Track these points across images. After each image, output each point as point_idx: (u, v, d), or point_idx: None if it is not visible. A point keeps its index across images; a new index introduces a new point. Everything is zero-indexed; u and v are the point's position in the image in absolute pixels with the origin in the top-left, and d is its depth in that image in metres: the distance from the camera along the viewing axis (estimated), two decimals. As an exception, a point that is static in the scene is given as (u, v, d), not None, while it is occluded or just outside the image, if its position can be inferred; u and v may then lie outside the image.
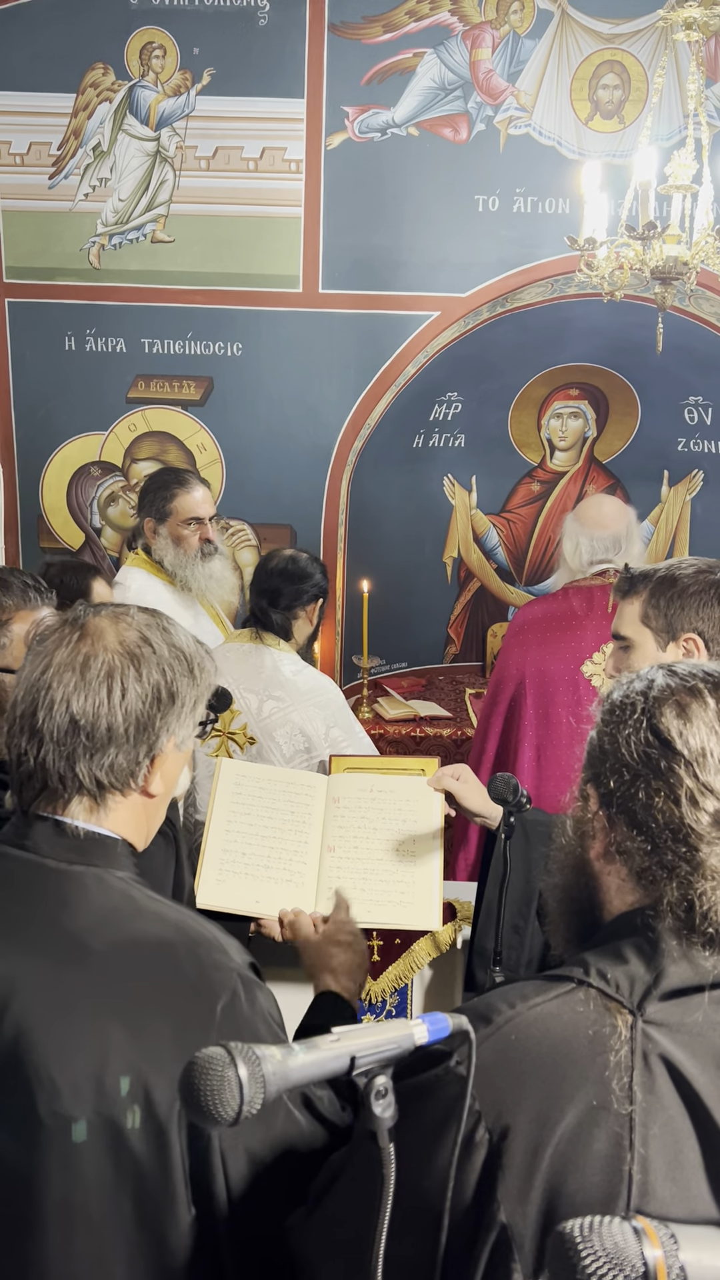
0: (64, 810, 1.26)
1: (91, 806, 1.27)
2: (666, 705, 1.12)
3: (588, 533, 3.10)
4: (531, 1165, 1.00)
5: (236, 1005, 1.19)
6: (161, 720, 1.27)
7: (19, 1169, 1.15)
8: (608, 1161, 1.00)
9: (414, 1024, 0.98)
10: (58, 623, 1.31)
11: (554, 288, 4.25)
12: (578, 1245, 0.72)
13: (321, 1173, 1.18)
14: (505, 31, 3.97)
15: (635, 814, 1.10)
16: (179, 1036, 1.14)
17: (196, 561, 3.30)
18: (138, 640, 1.28)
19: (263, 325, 4.26)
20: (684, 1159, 1.01)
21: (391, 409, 4.45)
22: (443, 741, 4.48)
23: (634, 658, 1.96)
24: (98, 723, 1.23)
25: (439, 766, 2.20)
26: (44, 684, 1.24)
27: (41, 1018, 1.15)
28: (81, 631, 1.28)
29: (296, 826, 2.16)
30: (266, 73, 4.02)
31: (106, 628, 1.28)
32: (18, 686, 1.28)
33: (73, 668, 1.24)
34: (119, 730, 1.24)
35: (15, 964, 1.19)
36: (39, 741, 1.24)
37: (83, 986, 1.17)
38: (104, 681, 1.24)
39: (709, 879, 1.06)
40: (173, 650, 1.30)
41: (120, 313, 4.28)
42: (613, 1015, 1.06)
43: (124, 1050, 1.14)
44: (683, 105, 3.84)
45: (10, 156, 4.14)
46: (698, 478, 5.05)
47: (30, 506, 4.53)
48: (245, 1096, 0.87)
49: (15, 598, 1.82)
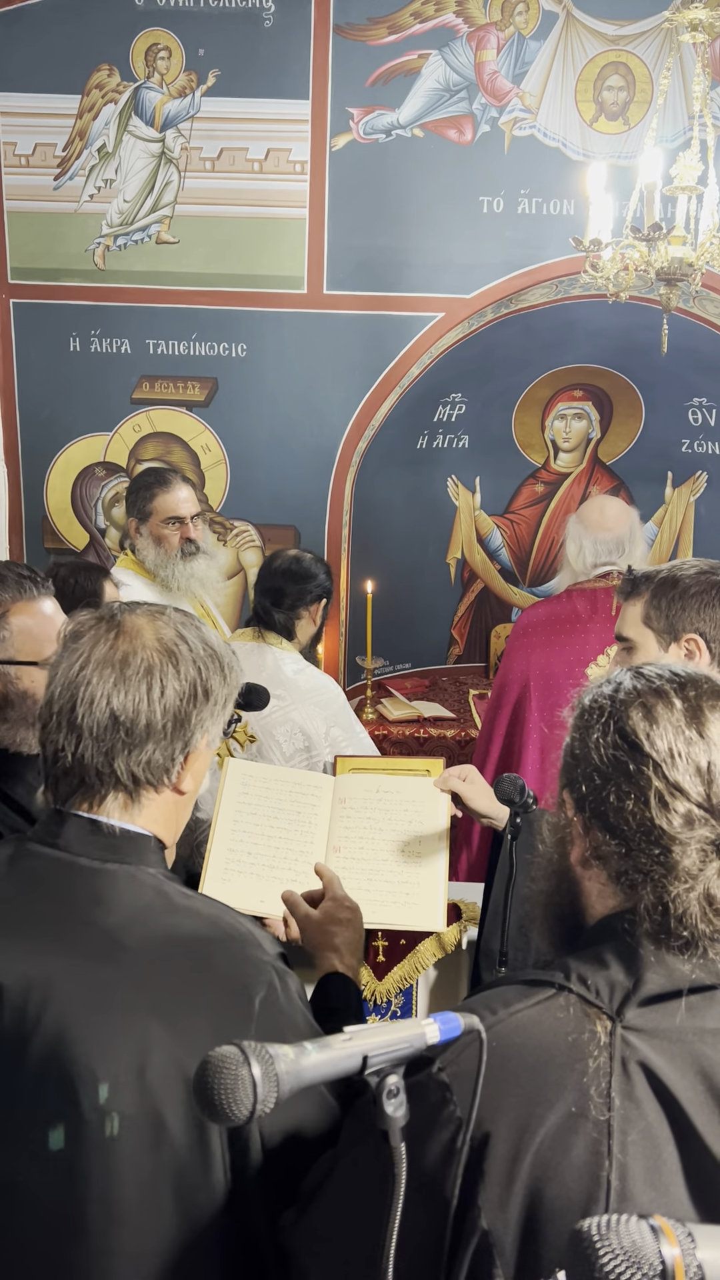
0: (99, 808, 1.28)
1: (126, 803, 1.28)
2: (633, 707, 1.13)
3: (591, 535, 3.11)
4: (511, 1172, 1.01)
5: (274, 998, 1.21)
6: (197, 717, 1.29)
7: (62, 1165, 1.16)
8: (586, 1168, 1.00)
9: (425, 1023, 0.98)
10: (92, 620, 1.32)
11: (558, 289, 4.25)
12: (595, 1244, 0.72)
13: (311, 1174, 1.18)
14: (510, 33, 3.97)
15: (608, 817, 1.11)
16: (218, 1030, 1.14)
17: (177, 561, 3.28)
18: (174, 638, 1.30)
19: (267, 326, 4.27)
20: (663, 1165, 1.01)
21: (396, 410, 4.45)
22: (446, 742, 4.48)
23: (637, 659, 1.97)
24: (137, 719, 1.24)
25: (444, 767, 2.20)
26: (83, 680, 1.25)
27: (80, 1015, 1.16)
28: (119, 629, 1.29)
29: (302, 827, 2.17)
30: (271, 74, 4.02)
31: (144, 625, 1.30)
32: (53, 683, 1.29)
33: (112, 664, 1.26)
34: (157, 726, 1.25)
35: (52, 963, 1.19)
36: (78, 737, 1.25)
37: (120, 983, 1.18)
38: (144, 678, 1.25)
39: (682, 881, 1.06)
40: (206, 649, 1.32)
41: (125, 314, 4.29)
42: (592, 1021, 1.06)
43: (164, 1044, 1.15)
44: (688, 107, 3.84)
45: (16, 158, 4.14)
46: (701, 479, 5.05)
47: (35, 507, 4.53)
48: (259, 1095, 0.88)
49: (11, 590, 1.83)
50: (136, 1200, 1.16)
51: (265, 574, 3.08)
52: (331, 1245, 1.13)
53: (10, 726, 1.82)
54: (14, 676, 1.80)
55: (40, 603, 1.85)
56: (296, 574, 3.01)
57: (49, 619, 1.85)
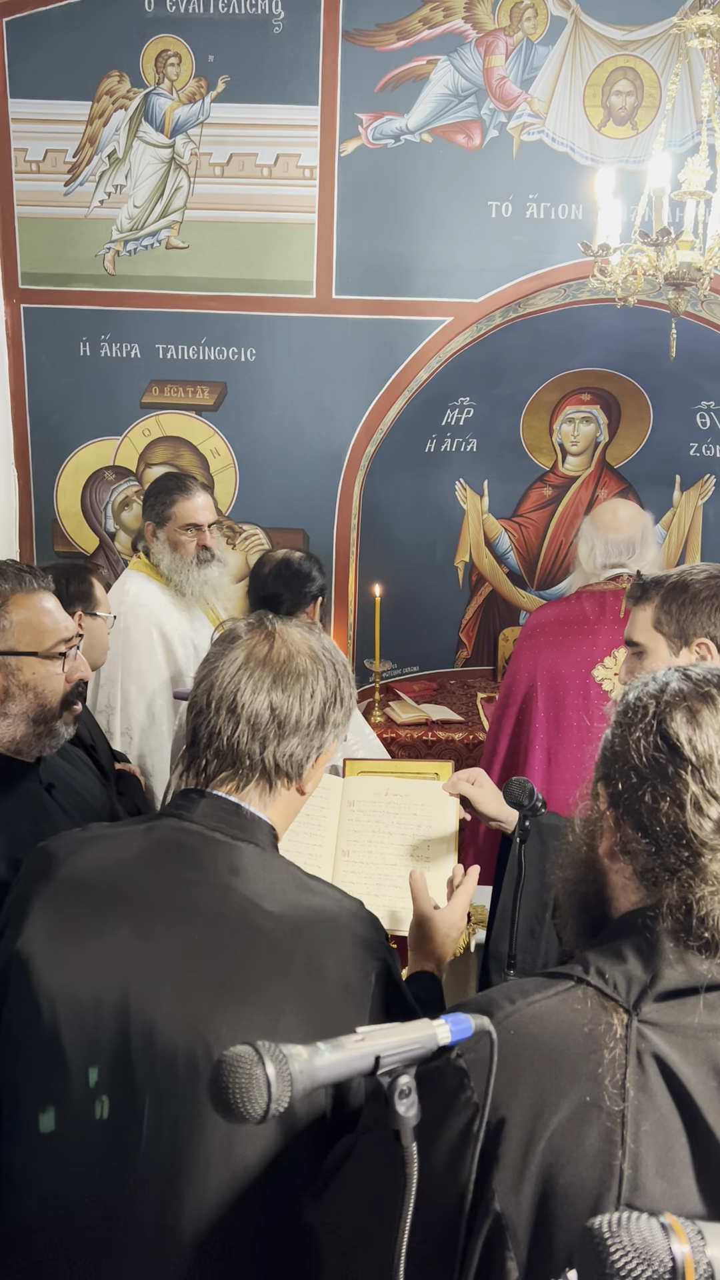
0: (241, 792, 1.41)
1: (263, 791, 1.42)
2: (678, 710, 1.13)
3: (602, 536, 3.12)
4: (525, 1157, 1.03)
5: (387, 974, 1.33)
6: (333, 719, 1.45)
7: (188, 1122, 1.23)
8: (600, 1156, 1.02)
9: (437, 1024, 0.99)
10: (246, 624, 1.49)
11: (567, 293, 4.26)
12: (606, 1240, 0.73)
13: (332, 1153, 1.22)
14: (519, 38, 3.98)
15: (641, 816, 1.11)
16: (341, 999, 1.27)
17: (192, 567, 3.30)
18: (321, 648, 1.47)
19: (276, 331, 4.28)
20: (674, 1156, 1.03)
21: (404, 414, 4.46)
22: (454, 745, 4.49)
23: (647, 664, 1.98)
24: (289, 714, 1.40)
25: (452, 770, 2.21)
26: (246, 673, 1.40)
27: (220, 977, 1.26)
28: (274, 635, 1.45)
29: (312, 829, 2.17)
30: (281, 80, 4.04)
31: (297, 636, 1.47)
32: (210, 675, 1.42)
33: (271, 665, 1.41)
34: (304, 723, 1.41)
35: (195, 925, 1.29)
36: (236, 723, 1.39)
37: (259, 948, 1.27)
38: (298, 679, 1.41)
39: (709, 884, 1.07)
40: (341, 661, 1.49)
41: (135, 318, 4.31)
42: (609, 1014, 1.07)
43: (295, 1006, 1.23)
44: (696, 112, 3.85)
45: (26, 164, 4.17)
46: (710, 482, 5.05)
47: (45, 510, 4.55)
48: (273, 1094, 0.89)
49: (11, 582, 1.84)
50: (256, 1161, 1.24)
51: (257, 581, 3.01)
52: (347, 1223, 1.15)
53: (11, 722, 1.80)
54: (15, 668, 1.79)
55: (40, 595, 1.86)
56: (290, 577, 2.95)
57: (49, 612, 1.85)
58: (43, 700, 1.82)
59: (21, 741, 1.82)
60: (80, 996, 1.28)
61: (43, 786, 1.89)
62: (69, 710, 1.87)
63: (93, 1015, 1.27)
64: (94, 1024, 1.27)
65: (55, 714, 1.84)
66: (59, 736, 1.87)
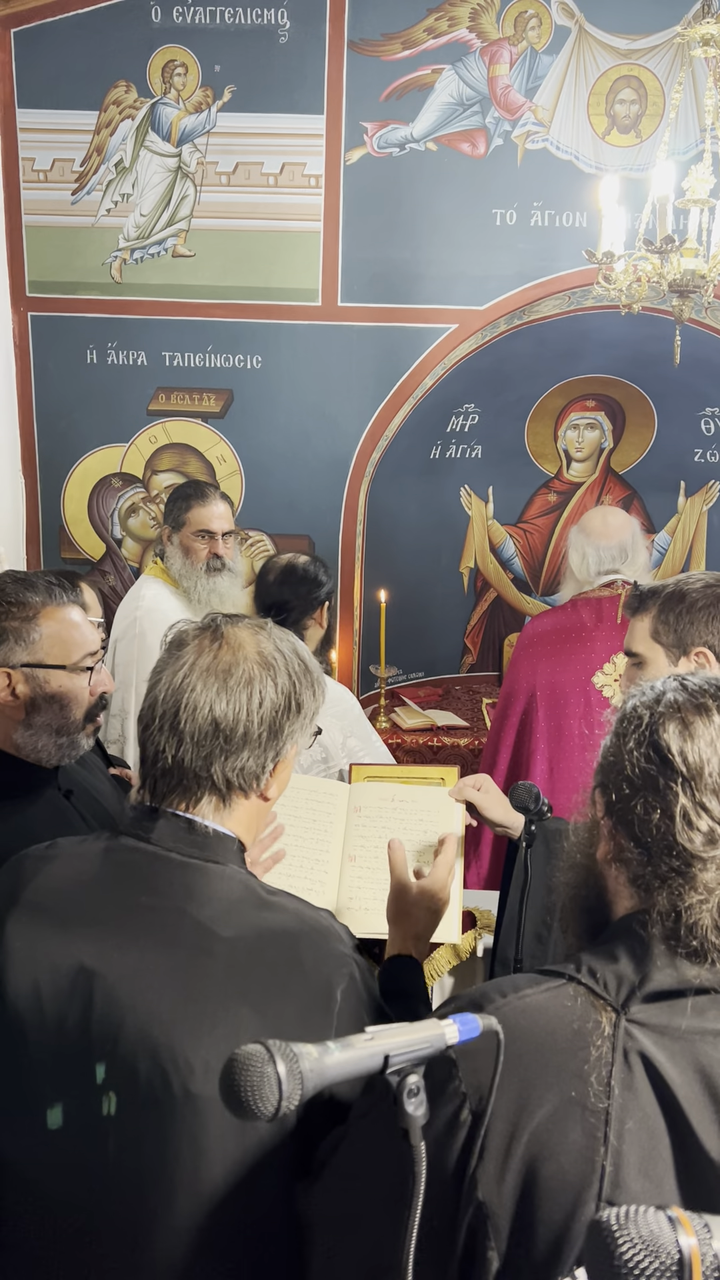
0: (194, 808, 1.35)
1: (218, 805, 1.35)
2: (671, 721, 1.13)
3: (594, 543, 3.12)
4: (509, 1149, 1.04)
5: (354, 988, 1.28)
6: (289, 728, 1.37)
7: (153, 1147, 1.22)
8: (582, 1152, 1.03)
9: (445, 1024, 1.00)
10: (195, 629, 1.39)
11: (571, 300, 4.28)
12: (614, 1233, 0.74)
13: (324, 1144, 1.23)
14: (523, 48, 4.01)
15: (633, 826, 1.12)
16: (304, 1016, 1.22)
17: (202, 574, 3.31)
18: (273, 652, 1.37)
19: (282, 338, 4.30)
20: (657, 1155, 1.04)
21: (409, 420, 4.48)
22: (460, 751, 4.49)
23: (646, 674, 1.98)
24: (236, 726, 1.32)
25: (458, 776, 2.21)
26: (187, 686, 1.32)
27: (174, 1002, 1.23)
28: (222, 640, 1.37)
29: (318, 835, 2.17)
30: (287, 89, 4.07)
31: (245, 638, 1.37)
32: (156, 688, 1.35)
33: (215, 673, 1.33)
34: (254, 735, 1.33)
35: (147, 952, 1.26)
36: (179, 741, 1.32)
37: (214, 972, 1.24)
38: (244, 688, 1.33)
39: (698, 893, 1.08)
40: (300, 664, 1.40)
41: (141, 326, 4.33)
42: (598, 1012, 1.08)
43: (255, 1030, 1.20)
44: (699, 120, 3.87)
45: (34, 173, 4.20)
46: (714, 489, 5.06)
47: (52, 517, 4.58)
48: (284, 1093, 0.89)
49: (42, 595, 1.85)
50: (223, 1178, 1.22)
51: (262, 588, 2.96)
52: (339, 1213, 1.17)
53: (34, 733, 1.82)
54: (42, 680, 1.82)
55: (69, 609, 1.88)
56: (297, 583, 2.91)
57: (77, 625, 1.87)
58: (67, 712, 1.83)
59: (43, 751, 1.84)
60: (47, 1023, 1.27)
61: (62, 793, 1.91)
62: (91, 722, 1.90)
63: (55, 1037, 1.26)
64: (56, 1046, 1.26)
65: (79, 726, 1.86)
66: (80, 748, 1.89)
